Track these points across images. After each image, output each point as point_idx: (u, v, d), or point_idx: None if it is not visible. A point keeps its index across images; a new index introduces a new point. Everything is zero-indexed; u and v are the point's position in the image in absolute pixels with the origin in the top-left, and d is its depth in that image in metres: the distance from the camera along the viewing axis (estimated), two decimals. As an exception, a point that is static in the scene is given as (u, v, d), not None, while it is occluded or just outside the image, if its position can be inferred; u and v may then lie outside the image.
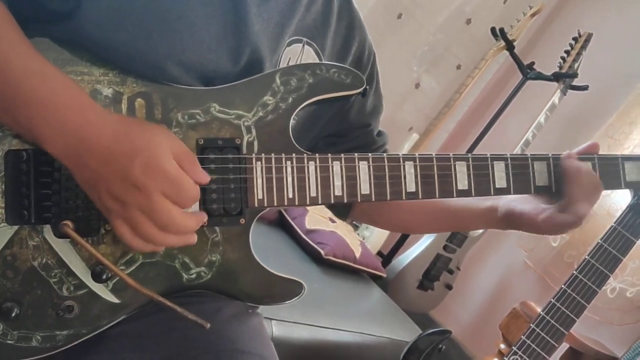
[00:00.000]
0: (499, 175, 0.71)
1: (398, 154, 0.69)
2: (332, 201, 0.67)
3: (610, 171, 0.76)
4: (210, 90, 0.65)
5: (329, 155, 0.67)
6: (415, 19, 2.37)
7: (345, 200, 0.67)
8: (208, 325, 0.59)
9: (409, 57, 2.47)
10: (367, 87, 0.70)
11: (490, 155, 0.72)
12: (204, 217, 0.60)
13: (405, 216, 0.88)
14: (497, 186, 0.72)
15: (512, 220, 0.74)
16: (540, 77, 2.22)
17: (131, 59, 0.62)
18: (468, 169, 0.70)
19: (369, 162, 0.68)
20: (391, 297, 1.87)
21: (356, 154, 0.68)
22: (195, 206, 0.61)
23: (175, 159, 0.55)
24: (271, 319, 1.18)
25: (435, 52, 2.52)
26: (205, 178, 0.58)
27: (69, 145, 0.54)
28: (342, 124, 0.86)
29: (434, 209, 0.84)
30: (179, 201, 0.55)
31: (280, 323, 1.20)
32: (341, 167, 0.67)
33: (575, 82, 2.13)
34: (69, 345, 0.61)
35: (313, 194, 0.66)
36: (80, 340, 0.62)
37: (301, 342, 1.24)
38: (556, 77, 2.15)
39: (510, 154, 0.73)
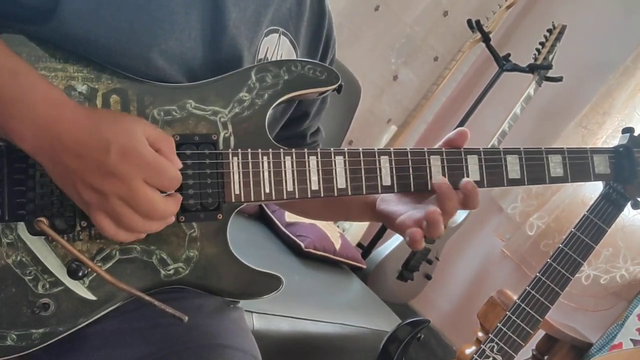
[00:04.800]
0: (473, 169, 0.72)
1: (373, 149, 0.70)
2: (309, 196, 0.67)
3: (581, 164, 0.78)
4: (186, 86, 0.65)
5: (305, 150, 0.67)
6: (392, 11, 2.37)
7: (322, 195, 0.67)
8: (186, 319, 0.59)
9: (386, 49, 2.47)
10: (342, 83, 0.70)
11: (464, 149, 0.73)
12: (180, 197, 0.60)
13: (307, 203, 0.91)
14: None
15: (382, 218, 0.76)
16: (515, 68, 2.25)
17: (113, 52, 0.61)
18: (442, 162, 0.71)
19: (344, 157, 0.68)
20: (371, 288, 1.87)
21: (332, 149, 0.68)
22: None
23: (151, 145, 0.55)
24: (252, 312, 1.18)
25: (413, 44, 2.53)
26: (178, 164, 0.59)
27: (41, 141, 0.53)
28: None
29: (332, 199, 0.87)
30: (161, 184, 0.55)
31: (261, 316, 1.20)
32: (317, 161, 0.67)
33: (550, 74, 2.16)
34: (45, 344, 0.60)
35: (290, 188, 0.66)
36: (57, 339, 0.61)
37: (282, 334, 1.24)
38: (531, 69, 2.17)
39: (484, 148, 0.73)
